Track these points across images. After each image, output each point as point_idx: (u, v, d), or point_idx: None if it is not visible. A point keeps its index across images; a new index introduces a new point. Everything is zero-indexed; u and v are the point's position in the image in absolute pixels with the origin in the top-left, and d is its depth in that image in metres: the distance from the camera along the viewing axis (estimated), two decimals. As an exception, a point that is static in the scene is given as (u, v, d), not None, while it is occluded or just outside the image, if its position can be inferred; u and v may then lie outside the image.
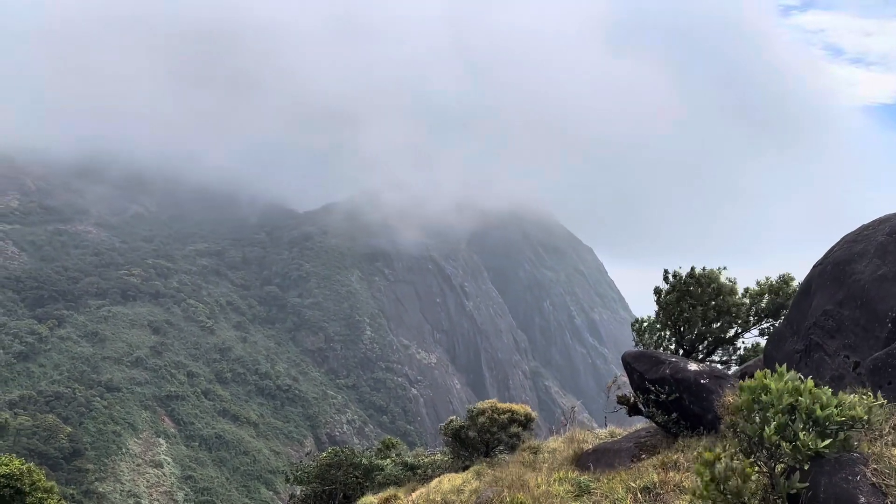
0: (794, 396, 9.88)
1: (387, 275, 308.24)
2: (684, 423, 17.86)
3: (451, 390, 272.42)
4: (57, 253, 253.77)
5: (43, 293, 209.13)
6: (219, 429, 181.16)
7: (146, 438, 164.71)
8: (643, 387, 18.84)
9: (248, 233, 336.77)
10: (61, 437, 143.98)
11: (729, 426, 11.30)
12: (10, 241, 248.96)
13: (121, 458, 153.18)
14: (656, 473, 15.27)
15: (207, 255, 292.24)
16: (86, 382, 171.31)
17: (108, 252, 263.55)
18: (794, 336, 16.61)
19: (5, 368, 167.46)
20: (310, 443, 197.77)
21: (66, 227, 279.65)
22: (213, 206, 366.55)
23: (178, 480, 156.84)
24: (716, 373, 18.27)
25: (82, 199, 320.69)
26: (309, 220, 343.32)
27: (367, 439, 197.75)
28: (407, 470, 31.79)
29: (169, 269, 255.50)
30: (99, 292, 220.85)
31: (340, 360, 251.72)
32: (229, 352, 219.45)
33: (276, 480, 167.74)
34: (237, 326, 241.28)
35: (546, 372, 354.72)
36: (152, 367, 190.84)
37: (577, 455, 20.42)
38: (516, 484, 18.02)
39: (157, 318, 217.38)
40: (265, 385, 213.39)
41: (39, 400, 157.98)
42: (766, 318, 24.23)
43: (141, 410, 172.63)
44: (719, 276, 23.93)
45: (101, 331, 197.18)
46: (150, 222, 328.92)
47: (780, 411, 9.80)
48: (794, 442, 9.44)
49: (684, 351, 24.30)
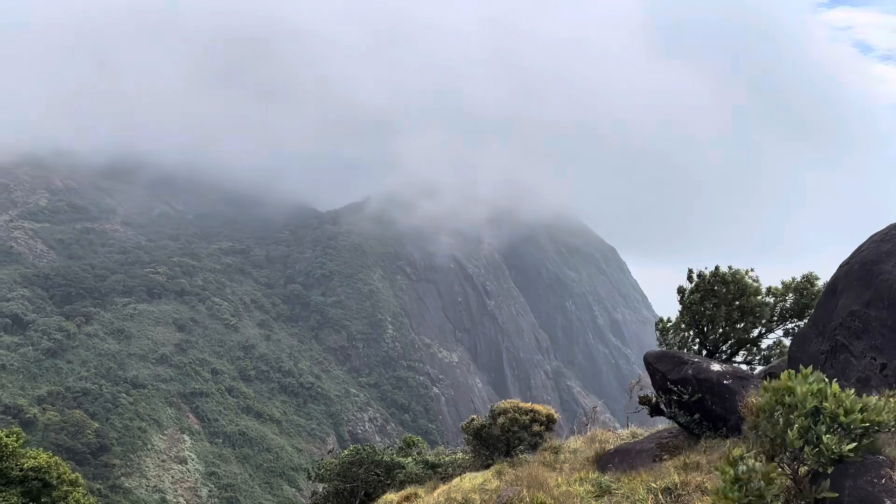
0: (818, 399, 9.75)
1: (409, 273, 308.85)
2: (707, 423, 17.71)
3: (472, 389, 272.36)
4: (84, 251, 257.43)
5: (71, 290, 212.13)
6: (242, 426, 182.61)
7: (171, 435, 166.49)
8: (665, 387, 18.71)
9: (272, 232, 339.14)
10: (88, 433, 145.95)
11: (752, 427, 11.18)
12: (40, 240, 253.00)
13: (146, 454, 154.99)
14: (678, 474, 15.16)
15: (232, 253, 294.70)
16: (112, 379, 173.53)
17: (134, 250, 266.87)
18: (819, 337, 16.39)
19: (34, 364, 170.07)
20: (332, 440, 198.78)
21: (94, 226, 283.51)
22: (237, 206, 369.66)
23: (202, 476, 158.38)
24: (739, 373, 18.09)
25: (110, 198, 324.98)
26: (331, 220, 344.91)
27: (388, 437, 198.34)
28: (428, 468, 31.83)
29: (194, 267, 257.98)
30: (125, 290, 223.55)
31: (362, 359, 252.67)
32: (253, 349, 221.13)
33: (298, 477, 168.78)
34: (261, 324, 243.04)
35: (568, 372, 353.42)
36: (177, 364, 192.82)
37: (598, 455, 20.33)
38: (536, 483, 17.97)
39: (182, 315, 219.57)
40: (288, 383, 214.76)
41: (67, 396, 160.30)
42: (790, 319, 23.93)
43: (166, 407, 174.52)
44: (744, 275, 23.67)
45: (127, 328, 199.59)
46: (176, 221, 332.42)
47: (804, 414, 9.68)
48: (818, 445, 9.32)
49: (707, 351, 24.08)
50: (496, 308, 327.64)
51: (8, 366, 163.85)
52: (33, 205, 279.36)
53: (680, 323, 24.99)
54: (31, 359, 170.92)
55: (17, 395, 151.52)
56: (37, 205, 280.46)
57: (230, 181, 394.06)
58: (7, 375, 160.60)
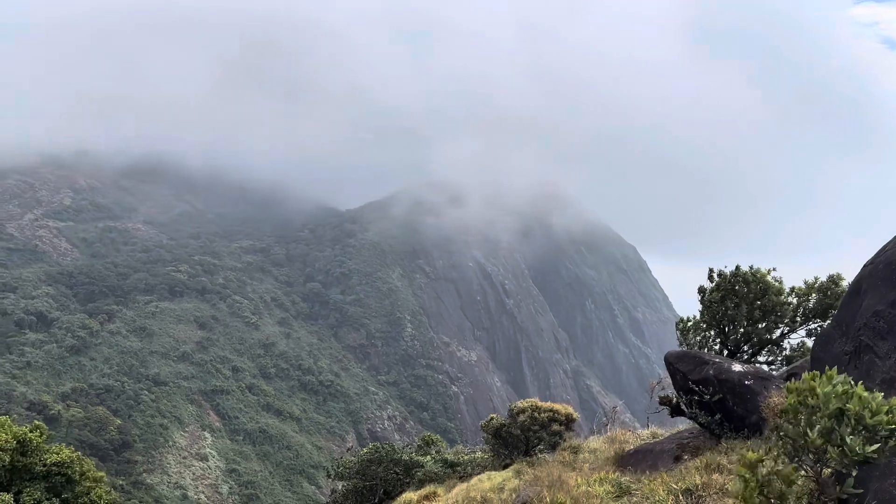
0: (842, 401, 9.62)
1: (427, 272, 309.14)
2: (728, 424, 17.56)
3: (491, 388, 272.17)
4: (107, 249, 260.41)
5: (94, 288, 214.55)
6: (262, 423, 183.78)
7: (192, 432, 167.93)
8: (686, 387, 18.57)
9: (292, 230, 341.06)
10: (111, 429, 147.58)
11: (774, 428, 11.07)
12: (64, 238, 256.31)
13: (168, 451, 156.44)
14: (699, 475, 15.04)
15: (252, 252, 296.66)
16: (134, 376, 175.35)
17: (156, 249, 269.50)
18: (842, 337, 16.19)
19: (58, 361, 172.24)
20: (351, 438, 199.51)
21: (116, 225, 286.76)
22: (258, 205, 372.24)
23: (222, 473, 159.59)
24: (760, 374, 17.92)
25: (132, 197, 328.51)
26: (351, 218, 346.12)
27: (407, 436, 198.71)
28: (447, 467, 31.84)
29: (215, 265, 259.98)
30: (147, 288, 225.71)
31: (382, 357, 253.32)
32: (273, 347, 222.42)
33: (318, 475, 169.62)
34: (281, 322, 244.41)
35: (588, 371, 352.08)
36: (198, 361, 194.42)
37: (618, 455, 20.23)
38: (556, 483, 17.91)
39: (203, 313, 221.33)
40: (308, 380, 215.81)
41: (90, 392, 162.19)
42: (813, 319, 23.64)
43: (187, 404, 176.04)
44: (765, 274, 23.42)
45: (149, 326, 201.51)
46: (197, 220, 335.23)
47: (827, 415, 9.56)
48: (842, 446, 9.20)
49: (729, 351, 23.86)
50: (515, 307, 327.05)
51: (33, 363, 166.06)
52: (57, 204, 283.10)
53: (700, 322, 24.80)
54: (55, 356, 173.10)
55: (41, 392, 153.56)
56: (61, 204, 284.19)
57: (251, 180, 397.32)
58: (32, 372, 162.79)
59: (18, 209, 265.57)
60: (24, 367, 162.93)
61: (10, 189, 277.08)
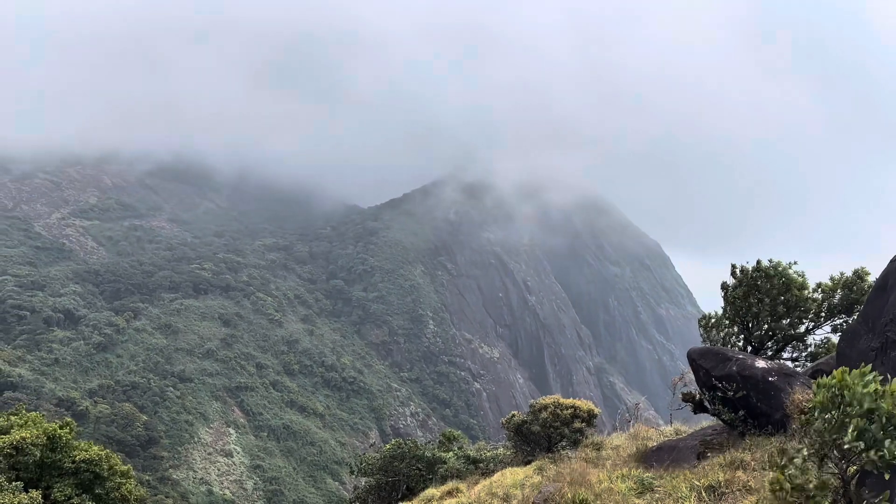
0: (874, 399, 9.47)
1: (449, 269, 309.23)
2: (751, 421, 17.42)
3: (513, 385, 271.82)
4: (133, 247, 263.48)
5: (120, 286, 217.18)
6: (286, 419, 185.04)
7: (217, 428, 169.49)
8: (709, 384, 18.45)
9: (315, 228, 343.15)
10: (137, 426, 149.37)
11: (800, 425, 10.96)
12: (90, 237, 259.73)
13: (193, 447, 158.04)
14: (722, 472, 14.94)
15: (276, 249, 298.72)
16: (160, 373, 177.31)
17: (180, 247, 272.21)
18: (869, 333, 15.98)
19: (86, 358, 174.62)
20: (374, 434, 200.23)
21: (142, 223, 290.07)
22: (281, 203, 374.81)
23: (247, 469, 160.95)
24: (785, 370, 17.74)
25: (156, 195, 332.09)
26: (372, 216, 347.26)
27: (430, 432, 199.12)
28: (469, 463, 31.88)
29: (239, 263, 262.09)
30: (172, 286, 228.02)
31: (404, 354, 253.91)
32: (297, 344, 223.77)
33: (341, 471, 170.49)
34: (304, 319, 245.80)
35: (611, 368, 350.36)
36: (223, 358, 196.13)
37: (640, 452, 20.14)
38: (578, 480, 17.88)
39: (227, 310, 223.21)
40: (331, 377, 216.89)
41: (117, 389, 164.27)
42: (839, 315, 23.32)
43: (212, 401, 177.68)
44: (787, 269, 23.13)
45: (174, 323, 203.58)
46: (221, 218, 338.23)
47: (860, 415, 9.42)
48: (880, 448, 9.03)
49: (752, 348, 23.63)
50: (537, 303, 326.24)
51: (61, 360, 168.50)
52: (84, 203, 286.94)
53: (723, 319, 24.58)
54: (82, 353, 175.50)
55: (69, 389, 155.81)
56: (87, 203, 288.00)
57: (276, 180, 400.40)
58: (60, 369, 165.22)
59: (46, 208, 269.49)
60: (52, 363, 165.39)
61: (37, 188, 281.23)
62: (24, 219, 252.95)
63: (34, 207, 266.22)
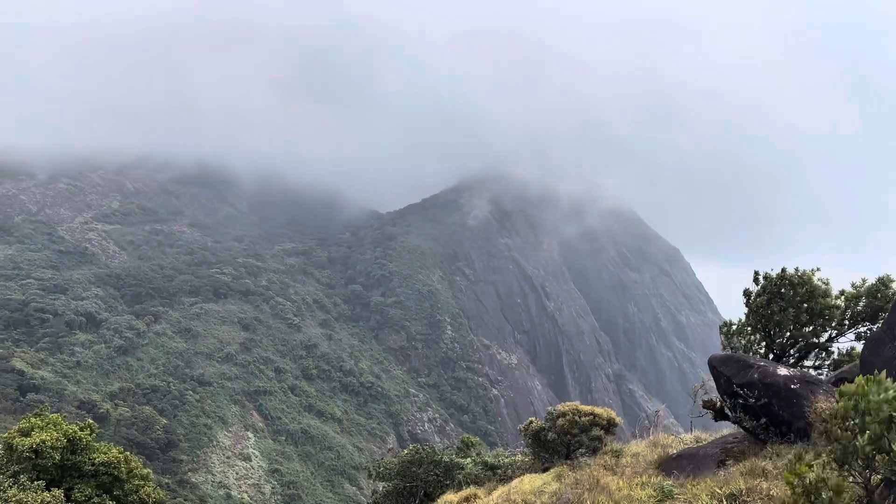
0: (893, 407, 9.35)
1: (467, 275, 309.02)
2: (773, 429, 17.23)
3: (532, 391, 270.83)
4: (153, 252, 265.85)
5: (140, 290, 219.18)
6: (304, 424, 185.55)
7: (235, 432, 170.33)
8: (730, 391, 18.28)
9: (334, 233, 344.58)
10: (157, 429, 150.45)
11: (822, 434, 10.84)
12: (112, 241, 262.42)
13: (212, 450, 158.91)
14: (743, 481, 14.79)
15: (295, 254, 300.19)
16: (179, 376, 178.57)
17: (200, 251, 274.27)
18: (893, 341, 15.77)
19: (107, 361, 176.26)
20: (392, 440, 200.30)
21: (162, 227, 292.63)
22: (301, 208, 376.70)
23: (265, 473, 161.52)
24: (807, 378, 17.54)
25: (177, 200, 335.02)
26: (391, 221, 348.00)
27: (447, 438, 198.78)
28: (487, 469, 31.80)
29: (258, 267, 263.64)
30: (192, 290, 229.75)
31: (422, 359, 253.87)
32: (315, 349, 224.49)
33: (359, 476, 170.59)
34: (322, 324, 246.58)
35: (630, 375, 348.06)
36: (242, 362, 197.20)
37: (660, 460, 19.98)
38: (597, 487, 17.77)
39: (246, 315, 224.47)
40: (349, 382, 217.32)
41: (137, 392, 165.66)
42: (862, 322, 23.02)
43: (231, 404, 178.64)
44: (811, 276, 22.88)
45: (193, 327, 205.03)
46: (241, 223, 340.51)
47: (878, 421, 9.31)
48: (889, 454, 8.94)
49: (774, 355, 23.38)
50: (556, 310, 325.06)
51: (83, 362, 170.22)
52: (106, 207, 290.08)
53: (745, 326, 24.36)
54: (103, 356, 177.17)
55: (91, 391, 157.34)
56: (109, 207, 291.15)
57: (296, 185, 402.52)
58: (82, 372, 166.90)
59: (69, 212, 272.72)
60: (74, 366, 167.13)
61: (61, 193, 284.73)
62: (48, 223, 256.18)
63: (58, 212, 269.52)
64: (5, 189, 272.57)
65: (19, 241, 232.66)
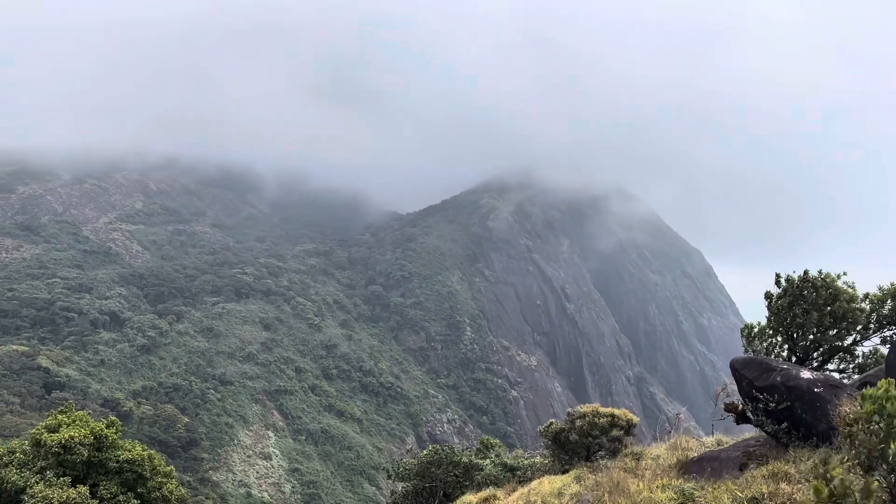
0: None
1: (487, 276, 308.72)
2: (796, 433, 17.11)
3: (551, 393, 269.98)
4: (176, 252, 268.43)
5: (163, 290, 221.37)
6: (325, 423, 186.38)
7: (256, 431, 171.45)
8: (752, 394, 18.17)
9: (354, 234, 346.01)
10: (179, 427, 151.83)
11: (846, 438, 10.77)
12: (135, 241, 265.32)
13: (233, 449, 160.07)
14: (766, 484, 14.71)
15: (315, 255, 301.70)
16: (201, 375, 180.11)
17: (222, 251, 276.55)
18: (919, 345, 15.60)
19: (130, 360, 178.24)
20: (411, 440, 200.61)
21: (185, 228, 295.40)
22: (321, 209, 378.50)
23: (285, 473, 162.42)
24: (831, 381, 17.39)
25: (199, 201, 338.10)
26: (410, 222, 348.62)
27: (467, 439, 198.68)
28: (506, 471, 31.81)
29: (279, 268, 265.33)
30: (214, 290, 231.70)
31: (441, 360, 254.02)
32: (335, 349, 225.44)
33: (378, 476, 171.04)
34: (343, 324, 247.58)
35: (651, 378, 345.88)
36: (263, 362, 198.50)
37: (681, 462, 19.90)
38: (617, 489, 17.74)
39: (268, 315, 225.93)
40: (369, 382, 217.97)
41: (160, 391, 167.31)
42: (888, 326, 22.77)
43: (252, 404, 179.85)
44: (835, 279, 22.66)
45: (215, 326, 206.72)
46: (263, 223, 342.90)
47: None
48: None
49: (797, 358, 23.18)
50: (576, 311, 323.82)
51: (106, 361, 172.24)
52: (130, 208, 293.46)
53: (766, 329, 24.18)
54: (127, 355, 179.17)
55: (114, 390, 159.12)
56: (133, 208, 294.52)
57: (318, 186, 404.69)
58: (106, 370, 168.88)
59: (94, 212, 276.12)
60: (98, 364, 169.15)
61: (86, 193, 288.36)
62: (74, 223, 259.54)
63: (83, 212, 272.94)
64: (32, 190, 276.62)
65: (45, 241, 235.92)
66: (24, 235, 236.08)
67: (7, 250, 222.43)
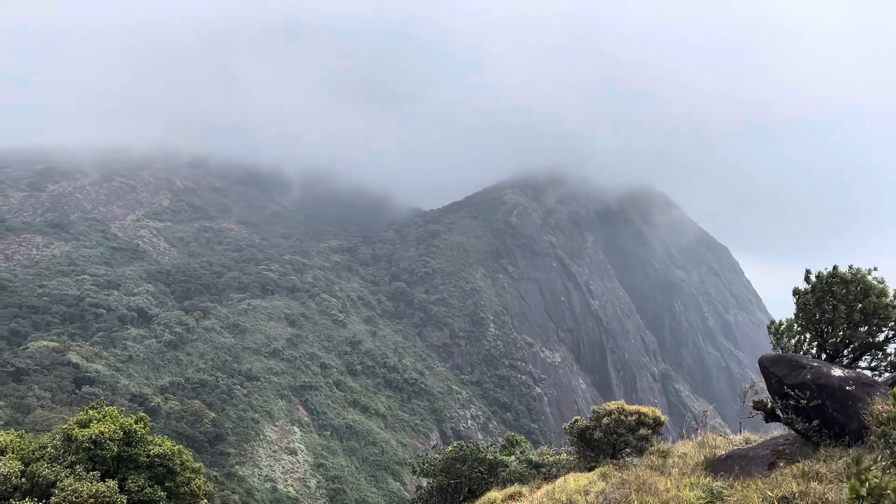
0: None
1: (510, 272, 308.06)
2: (826, 431, 16.86)
3: (575, 390, 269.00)
4: (202, 249, 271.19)
5: (190, 286, 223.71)
6: (349, 419, 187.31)
7: (282, 426, 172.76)
8: (781, 392, 17.95)
9: (378, 230, 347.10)
10: (206, 422, 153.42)
11: (879, 437, 10.59)
12: (162, 238, 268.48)
13: (259, 444, 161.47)
14: (795, 483, 14.51)
15: (340, 251, 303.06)
16: (227, 371, 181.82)
17: (248, 248, 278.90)
18: (954, 342, 15.31)
19: (157, 356, 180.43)
20: (435, 436, 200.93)
21: (211, 225, 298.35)
22: (346, 206, 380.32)
23: (310, 468, 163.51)
24: (863, 379, 17.12)
25: (225, 198, 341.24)
26: (434, 218, 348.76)
27: (491, 435, 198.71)
28: (531, 468, 31.75)
29: (304, 264, 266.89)
30: (240, 286, 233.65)
31: (465, 356, 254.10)
32: (360, 345, 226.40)
33: (402, 472, 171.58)
34: (367, 320, 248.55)
35: (676, 375, 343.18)
36: (288, 358, 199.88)
37: (708, 461, 19.72)
38: (644, 487, 17.62)
39: (293, 311, 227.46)
40: (393, 378, 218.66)
41: (187, 386, 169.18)
42: (921, 323, 22.34)
43: (277, 399, 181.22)
44: (865, 275, 22.27)
45: (241, 323, 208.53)
46: (288, 220, 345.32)
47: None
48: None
49: (827, 355, 22.83)
50: (600, 308, 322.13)
51: (135, 357, 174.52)
52: (157, 205, 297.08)
53: (794, 325, 23.85)
54: (154, 350, 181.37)
55: (142, 385, 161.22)
56: (160, 205, 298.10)
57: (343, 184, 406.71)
58: (134, 366, 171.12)
59: (122, 210, 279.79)
60: (126, 360, 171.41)
61: (114, 191, 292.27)
62: (102, 220, 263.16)
63: (111, 209, 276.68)
64: (61, 188, 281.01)
65: (75, 238, 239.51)
66: (53, 233, 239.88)
67: (38, 247, 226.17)
